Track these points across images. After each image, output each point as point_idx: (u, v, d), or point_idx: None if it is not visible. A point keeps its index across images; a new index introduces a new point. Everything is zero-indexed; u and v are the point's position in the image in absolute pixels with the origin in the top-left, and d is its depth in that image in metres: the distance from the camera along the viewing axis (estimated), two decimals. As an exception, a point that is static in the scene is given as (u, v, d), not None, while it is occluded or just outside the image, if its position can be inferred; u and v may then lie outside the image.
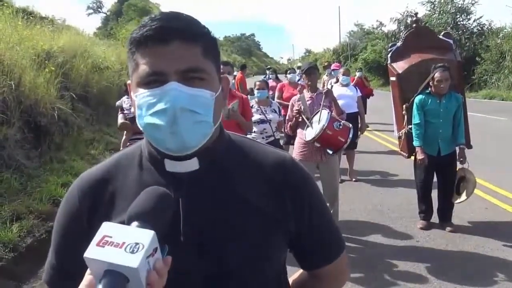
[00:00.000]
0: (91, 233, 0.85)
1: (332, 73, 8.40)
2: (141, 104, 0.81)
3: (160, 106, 0.78)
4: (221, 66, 3.65)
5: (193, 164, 0.87)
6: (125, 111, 4.65)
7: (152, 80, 0.79)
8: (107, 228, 0.69)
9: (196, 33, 0.82)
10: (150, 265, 0.67)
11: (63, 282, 0.90)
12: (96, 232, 0.69)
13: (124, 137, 4.79)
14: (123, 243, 0.66)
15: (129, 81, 0.87)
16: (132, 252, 0.65)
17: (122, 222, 0.73)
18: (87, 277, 0.69)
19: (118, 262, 0.64)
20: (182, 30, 0.80)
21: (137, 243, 0.66)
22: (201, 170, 0.87)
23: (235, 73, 7.92)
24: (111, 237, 0.67)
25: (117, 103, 4.90)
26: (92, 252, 0.66)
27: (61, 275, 0.91)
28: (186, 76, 0.79)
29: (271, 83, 8.58)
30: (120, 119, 4.66)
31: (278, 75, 10.77)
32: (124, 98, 4.72)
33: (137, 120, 0.83)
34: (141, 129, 0.84)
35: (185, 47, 0.80)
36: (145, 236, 0.67)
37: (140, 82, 0.81)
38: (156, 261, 0.69)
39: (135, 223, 0.71)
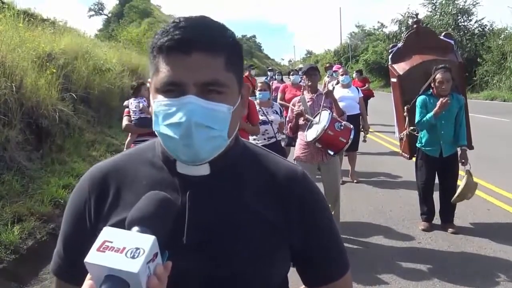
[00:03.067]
0: (98, 225, 0.84)
1: (334, 74, 8.41)
2: (157, 111, 0.80)
3: (176, 118, 0.78)
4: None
5: (204, 169, 0.87)
6: (131, 113, 4.70)
7: (171, 90, 0.79)
8: (107, 233, 0.69)
9: (219, 44, 0.80)
10: (151, 270, 0.67)
11: (70, 271, 0.90)
12: (103, 224, 0.69)
13: (128, 138, 4.84)
14: (123, 248, 0.66)
15: (149, 80, 0.86)
16: (133, 257, 0.65)
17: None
18: (87, 282, 0.69)
19: (119, 267, 0.64)
20: (205, 41, 0.78)
21: (137, 248, 0.66)
22: (212, 175, 0.87)
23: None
24: (111, 242, 0.67)
25: (125, 103, 4.94)
26: (92, 257, 0.66)
27: (67, 264, 0.91)
28: (205, 89, 0.78)
29: (276, 84, 8.59)
30: (125, 121, 4.73)
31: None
32: (131, 100, 4.77)
33: (153, 125, 0.83)
34: (156, 134, 0.84)
35: (206, 59, 0.78)
36: (146, 241, 0.67)
37: (159, 89, 0.81)
38: (157, 266, 0.69)
39: (135, 228, 0.71)
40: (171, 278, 0.73)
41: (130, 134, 4.84)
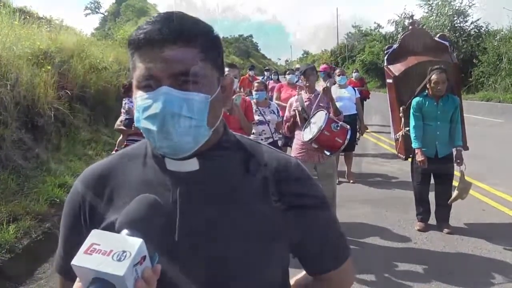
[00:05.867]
0: (93, 226, 0.85)
1: (322, 75, 8.34)
2: (138, 106, 0.81)
3: (152, 110, 0.78)
4: (227, 69, 3.58)
5: (192, 165, 0.86)
6: (123, 114, 4.75)
7: (148, 84, 0.80)
8: (95, 236, 0.69)
9: (192, 35, 0.81)
10: (138, 273, 0.67)
11: (71, 271, 0.91)
12: (98, 225, 0.69)
13: (120, 137, 4.89)
14: (110, 251, 0.66)
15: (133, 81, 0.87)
16: (119, 260, 0.65)
17: None
18: (77, 284, 0.69)
19: (105, 269, 0.64)
20: (177, 33, 0.79)
21: (124, 251, 0.66)
22: (202, 170, 0.86)
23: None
24: (99, 244, 0.67)
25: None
26: (79, 259, 0.66)
27: (68, 265, 0.92)
28: (179, 80, 0.79)
29: (272, 83, 8.59)
30: (117, 121, 4.80)
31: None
32: (126, 100, 4.79)
33: (135, 122, 0.84)
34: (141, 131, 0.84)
35: (179, 50, 0.79)
36: (133, 244, 0.67)
37: (137, 85, 0.82)
38: (145, 270, 0.68)
39: (124, 231, 0.71)
40: (164, 279, 0.72)
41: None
